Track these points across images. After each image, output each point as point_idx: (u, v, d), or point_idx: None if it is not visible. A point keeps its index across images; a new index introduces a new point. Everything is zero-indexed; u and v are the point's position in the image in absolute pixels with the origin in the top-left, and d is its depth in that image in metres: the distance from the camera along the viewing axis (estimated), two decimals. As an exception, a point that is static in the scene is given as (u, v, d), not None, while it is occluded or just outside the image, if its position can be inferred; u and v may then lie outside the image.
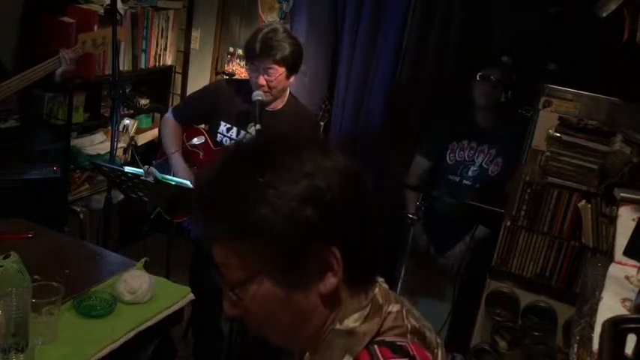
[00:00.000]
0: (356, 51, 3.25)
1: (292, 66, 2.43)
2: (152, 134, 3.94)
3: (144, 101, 3.92)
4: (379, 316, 0.85)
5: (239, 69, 3.80)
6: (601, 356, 0.97)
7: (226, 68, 3.90)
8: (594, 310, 1.41)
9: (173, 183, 2.36)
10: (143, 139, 3.88)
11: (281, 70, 2.40)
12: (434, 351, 0.87)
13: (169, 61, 4.00)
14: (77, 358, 1.55)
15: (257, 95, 2.41)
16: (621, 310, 1.33)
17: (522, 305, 2.40)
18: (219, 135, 2.59)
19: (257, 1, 3.70)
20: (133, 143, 3.69)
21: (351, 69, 3.28)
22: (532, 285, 2.38)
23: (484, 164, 2.82)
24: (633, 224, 1.65)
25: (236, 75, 3.82)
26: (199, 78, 3.95)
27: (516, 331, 2.41)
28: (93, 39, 2.81)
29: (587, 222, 2.18)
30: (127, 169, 2.43)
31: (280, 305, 0.82)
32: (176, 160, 2.59)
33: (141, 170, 2.36)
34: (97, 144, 3.55)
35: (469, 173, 2.85)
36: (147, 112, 4.04)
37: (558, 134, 2.23)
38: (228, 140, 2.57)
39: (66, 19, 3.08)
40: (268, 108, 2.49)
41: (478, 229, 2.79)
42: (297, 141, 0.86)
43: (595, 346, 1.16)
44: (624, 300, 1.38)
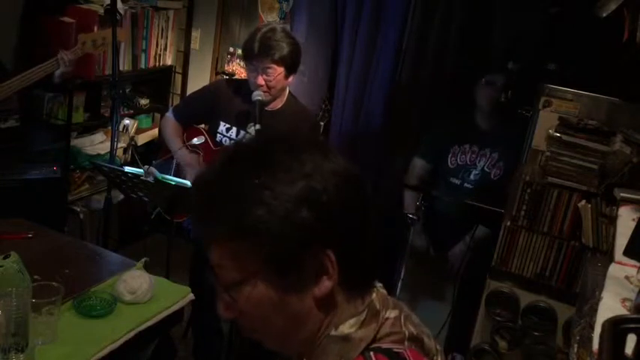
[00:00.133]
0: (356, 51, 3.25)
1: (291, 65, 2.43)
2: (152, 134, 3.94)
3: (144, 101, 3.92)
4: (376, 322, 0.84)
5: (239, 69, 3.80)
6: (601, 356, 0.97)
7: (226, 68, 3.90)
8: (594, 310, 1.41)
9: (173, 183, 2.36)
10: (143, 139, 3.88)
11: (280, 70, 2.40)
12: (433, 358, 0.86)
13: (169, 61, 4.00)
14: (77, 358, 1.55)
15: (257, 95, 2.41)
16: (621, 310, 1.33)
17: (522, 305, 2.40)
18: (218, 135, 2.60)
19: (257, 1, 3.70)
20: (133, 143, 3.69)
21: (351, 69, 3.28)
22: (532, 285, 2.38)
23: (486, 168, 2.82)
24: (633, 224, 1.65)
25: (236, 75, 3.82)
26: (199, 78, 3.95)
27: (516, 331, 2.41)
28: (93, 39, 2.81)
29: (587, 222, 2.18)
30: (127, 169, 2.43)
31: (274, 308, 0.81)
32: (184, 156, 2.59)
33: (141, 170, 2.36)
34: (97, 144, 3.55)
35: (471, 177, 2.84)
36: (147, 112, 4.04)
37: (558, 134, 2.23)
38: (227, 140, 2.57)
39: (66, 19, 3.08)
40: (267, 108, 2.49)
41: (478, 229, 2.79)
42: (295, 142, 0.85)
43: (595, 346, 1.16)
44: (624, 300, 1.38)
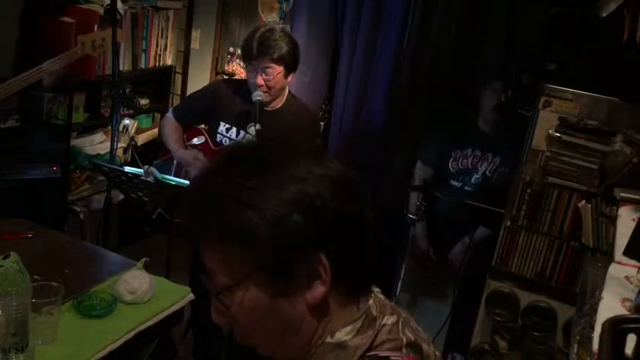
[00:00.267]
0: (356, 51, 3.25)
1: (290, 65, 2.43)
2: (152, 134, 3.94)
3: (144, 101, 3.93)
4: (373, 329, 0.82)
5: (239, 69, 3.80)
6: (601, 356, 0.97)
7: (226, 68, 3.90)
8: (594, 310, 1.41)
9: (173, 183, 2.36)
10: (143, 139, 3.88)
11: (279, 70, 2.40)
12: None
13: (169, 61, 4.00)
14: (77, 358, 1.55)
15: (257, 95, 2.41)
16: (621, 310, 1.33)
17: (522, 305, 2.40)
18: (218, 135, 2.60)
19: (257, 1, 3.70)
20: (133, 143, 3.69)
21: (352, 69, 3.28)
22: (532, 285, 2.39)
23: (487, 172, 2.81)
24: (633, 224, 1.65)
25: (236, 75, 3.82)
26: (199, 78, 3.95)
27: (516, 331, 2.41)
28: (92, 40, 2.81)
29: (587, 222, 2.18)
30: (127, 169, 2.43)
31: (267, 313, 0.80)
32: (184, 155, 2.58)
33: (141, 170, 2.36)
34: (97, 144, 3.55)
35: (472, 181, 2.84)
36: (147, 112, 4.04)
37: (558, 134, 2.23)
38: (227, 140, 2.57)
39: (66, 19, 3.08)
40: (267, 107, 2.49)
41: (478, 229, 2.79)
42: (292, 146, 0.85)
43: (595, 346, 1.16)
44: (624, 300, 1.38)
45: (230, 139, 2.57)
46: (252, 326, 0.83)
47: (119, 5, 3.17)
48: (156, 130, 3.88)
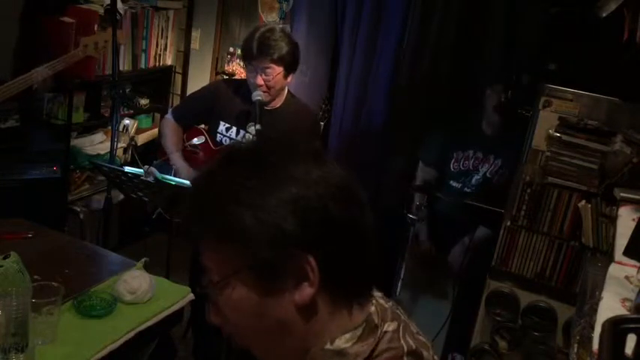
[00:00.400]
0: (356, 51, 3.25)
1: (290, 65, 2.44)
2: (152, 134, 3.94)
3: (144, 101, 3.93)
4: (374, 337, 0.81)
5: (239, 69, 3.80)
6: (601, 356, 0.97)
7: (226, 68, 3.90)
8: (594, 310, 1.41)
9: (173, 183, 2.36)
10: (143, 139, 3.88)
11: (279, 70, 2.40)
12: None
13: (169, 61, 4.00)
14: (77, 358, 1.55)
15: (257, 95, 2.41)
16: (621, 310, 1.33)
17: (522, 305, 2.40)
18: (218, 135, 2.60)
19: (257, 1, 3.70)
20: (133, 143, 3.69)
21: (352, 69, 3.28)
22: (532, 285, 2.38)
23: (488, 174, 2.81)
24: (633, 224, 1.65)
25: (236, 75, 3.82)
26: (199, 78, 3.95)
27: (516, 331, 2.41)
28: (95, 42, 2.80)
29: (587, 222, 2.18)
30: (127, 169, 2.43)
31: (255, 313, 0.80)
32: (176, 160, 2.60)
33: (141, 170, 2.36)
34: (97, 144, 3.55)
35: (472, 182, 2.84)
36: (147, 112, 4.04)
37: (558, 134, 2.23)
38: (227, 140, 2.58)
39: (66, 19, 3.08)
40: (267, 107, 2.49)
41: (478, 230, 2.79)
42: (291, 146, 0.85)
43: (595, 346, 1.16)
44: (624, 300, 1.38)
45: (230, 139, 2.57)
46: (242, 326, 0.83)
47: (119, 5, 3.17)
48: (156, 130, 3.88)
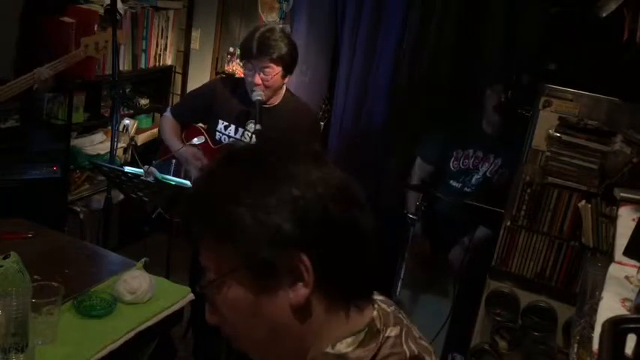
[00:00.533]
0: (356, 51, 3.25)
1: (288, 66, 2.44)
2: (152, 134, 3.94)
3: (144, 101, 3.93)
4: (376, 342, 0.81)
5: (239, 69, 3.80)
6: (601, 356, 0.97)
7: (226, 68, 3.90)
8: (594, 310, 1.41)
9: (173, 183, 2.36)
10: (143, 139, 3.88)
11: (277, 70, 2.41)
12: None
13: (169, 61, 4.00)
14: (77, 358, 1.55)
15: (257, 95, 2.42)
16: (621, 310, 1.33)
17: (522, 305, 2.40)
18: (217, 133, 2.60)
19: (257, 1, 3.70)
20: (133, 143, 3.69)
21: (352, 69, 3.28)
22: (532, 285, 2.38)
23: (488, 173, 2.81)
24: (633, 224, 1.65)
25: (236, 75, 3.82)
26: (199, 78, 3.95)
27: (516, 331, 2.41)
28: (95, 42, 2.80)
29: (587, 222, 2.18)
30: (127, 169, 2.43)
31: (250, 312, 0.80)
32: (182, 152, 2.56)
33: (141, 170, 2.36)
34: (97, 144, 3.55)
35: (472, 181, 2.84)
36: (147, 112, 4.04)
37: (558, 134, 2.23)
38: (226, 138, 2.58)
39: (66, 19, 3.08)
40: (265, 105, 2.50)
41: (478, 230, 2.79)
42: (291, 146, 0.85)
43: (595, 346, 1.16)
44: (624, 300, 1.38)
45: (229, 137, 2.57)
46: (238, 326, 0.83)
47: (119, 5, 3.17)
48: (156, 130, 3.87)
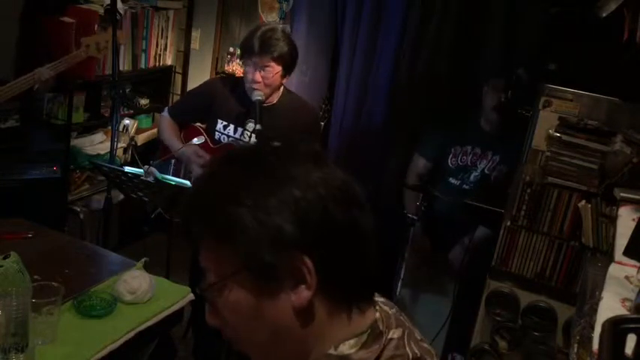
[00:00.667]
0: (356, 51, 3.25)
1: (288, 66, 2.45)
2: (152, 134, 3.94)
3: (144, 101, 3.93)
4: (378, 344, 0.81)
5: (239, 69, 3.80)
6: (601, 356, 0.97)
7: (226, 68, 3.90)
8: (594, 310, 1.41)
9: (173, 183, 2.36)
10: (143, 139, 3.88)
11: (277, 69, 2.41)
12: None
13: (169, 61, 4.00)
14: (77, 358, 1.55)
15: (257, 95, 2.43)
16: (621, 310, 1.33)
17: (522, 305, 2.40)
18: (217, 133, 2.60)
19: (257, 1, 3.70)
20: (133, 143, 3.69)
21: (352, 69, 3.28)
22: (532, 285, 2.38)
23: (486, 170, 2.82)
24: (633, 224, 1.65)
25: (236, 75, 3.82)
26: (199, 78, 3.94)
27: (516, 331, 2.41)
28: (96, 42, 2.80)
29: (587, 222, 2.18)
30: (127, 169, 2.43)
31: (252, 315, 0.80)
32: (183, 150, 2.55)
33: (141, 170, 2.36)
34: (97, 144, 3.55)
35: (470, 178, 2.84)
36: (147, 112, 4.04)
37: (558, 134, 2.23)
38: (226, 138, 2.58)
39: (66, 19, 3.08)
40: (263, 104, 2.50)
41: (478, 229, 2.79)
42: (291, 146, 0.85)
43: (595, 346, 1.16)
44: (624, 300, 1.38)
45: (228, 137, 2.57)
46: (240, 328, 0.82)
47: (119, 5, 3.17)
48: (156, 130, 3.86)
